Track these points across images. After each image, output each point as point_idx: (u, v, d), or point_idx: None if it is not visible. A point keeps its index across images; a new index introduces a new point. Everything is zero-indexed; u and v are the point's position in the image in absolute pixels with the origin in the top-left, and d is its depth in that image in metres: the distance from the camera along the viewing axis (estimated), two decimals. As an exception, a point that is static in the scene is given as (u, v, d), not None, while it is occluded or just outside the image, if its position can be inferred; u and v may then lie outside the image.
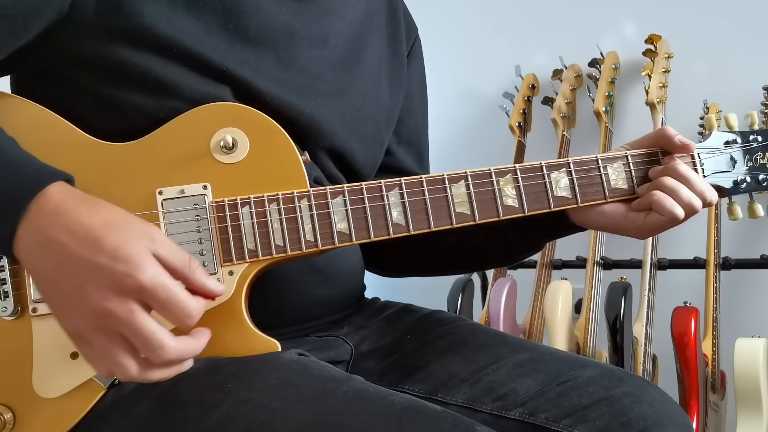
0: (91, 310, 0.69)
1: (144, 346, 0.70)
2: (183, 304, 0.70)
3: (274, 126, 0.87)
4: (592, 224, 0.97)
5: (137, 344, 0.70)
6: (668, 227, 0.91)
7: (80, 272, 0.69)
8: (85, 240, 0.70)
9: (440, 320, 1.06)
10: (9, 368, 0.82)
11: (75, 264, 0.69)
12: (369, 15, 1.06)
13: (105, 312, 0.69)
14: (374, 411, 0.74)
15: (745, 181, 0.96)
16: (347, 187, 0.86)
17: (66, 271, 0.70)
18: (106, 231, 0.70)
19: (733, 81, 2.01)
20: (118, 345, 0.70)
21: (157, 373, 0.72)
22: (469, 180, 0.90)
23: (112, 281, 0.69)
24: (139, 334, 0.69)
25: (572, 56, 2.16)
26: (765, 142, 0.97)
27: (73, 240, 0.70)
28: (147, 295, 0.69)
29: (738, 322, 1.87)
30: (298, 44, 0.95)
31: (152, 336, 0.69)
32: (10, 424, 0.81)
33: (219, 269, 0.83)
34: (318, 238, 0.85)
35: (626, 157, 0.94)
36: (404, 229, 0.87)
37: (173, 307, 0.70)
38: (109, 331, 0.70)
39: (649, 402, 0.89)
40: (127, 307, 0.69)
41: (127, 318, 0.69)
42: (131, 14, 0.84)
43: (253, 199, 0.84)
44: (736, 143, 0.98)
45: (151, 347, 0.69)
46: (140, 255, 0.69)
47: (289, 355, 0.84)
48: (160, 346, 0.69)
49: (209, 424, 0.75)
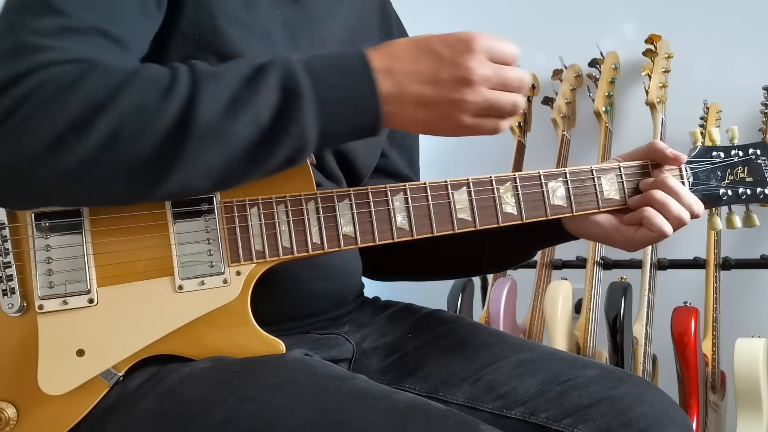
0: (476, 82, 0.78)
1: (514, 67, 0.81)
2: (514, 50, 0.81)
3: None
4: (586, 233, 1.00)
5: (512, 62, 0.81)
6: (656, 242, 0.96)
7: (447, 68, 0.78)
8: (423, 55, 0.79)
9: (441, 319, 1.06)
10: (14, 365, 0.82)
11: (436, 71, 0.78)
12: (362, 20, 1.08)
13: (486, 75, 0.78)
14: (378, 409, 0.75)
15: (726, 195, 1.01)
16: (353, 191, 0.87)
17: (437, 79, 0.78)
18: (427, 41, 0.80)
19: (733, 81, 2.01)
20: (504, 92, 0.80)
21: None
22: (471, 187, 0.91)
23: (470, 54, 0.78)
24: (507, 81, 0.80)
25: (572, 56, 2.16)
26: (745, 156, 1.02)
27: (419, 61, 0.79)
28: (495, 50, 0.79)
29: (738, 322, 1.87)
30: (298, 44, 0.96)
31: (514, 74, 0.80)
32: (14, 421, 0.81)
33: (227, 269, 0.84)
34: (324, 240, 0.86)
35: (619, 169, 0.98)
36: (408, 234, 0.89)
37: (512, 54, 0.80)
38: (495, 87, 0.80)
39: (649, 402, 0.89)
40: (488, 92, 0.79)
41: (495, 96, 0.80)
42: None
43: (261, 200, 0.85)
44: (720, 158, 1.02)
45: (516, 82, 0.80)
46: (461, 32, 0.80)
47: (294, 354, 0.84)
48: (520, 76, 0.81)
49: (213, 420, 0.76)
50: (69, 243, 0.82)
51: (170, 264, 0.83)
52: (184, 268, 0.83)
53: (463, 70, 0.77)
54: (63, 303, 0.81)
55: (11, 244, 0.82)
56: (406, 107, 0.79)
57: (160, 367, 0.82)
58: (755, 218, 1.05)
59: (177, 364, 0.82)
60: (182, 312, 0.83)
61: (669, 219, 0.93)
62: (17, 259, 0.82)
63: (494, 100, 0.79)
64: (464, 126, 0.81)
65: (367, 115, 0.78)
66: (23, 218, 0.82)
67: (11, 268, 0.82)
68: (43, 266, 0.81)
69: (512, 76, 0.80)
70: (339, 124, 0.78)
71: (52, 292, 0.81)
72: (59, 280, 0.82)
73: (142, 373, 0.83)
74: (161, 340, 0.83)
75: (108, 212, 0.83)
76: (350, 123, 0.79)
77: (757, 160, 1.02)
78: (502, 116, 0.82)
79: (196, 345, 0.84)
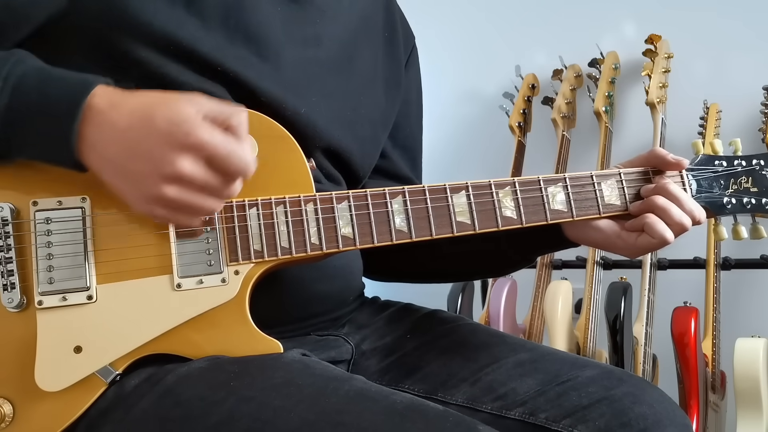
0: (169, 177, 0.75)
1: (236, 169, 0.77)
2: (242, 153, 0.77)
3: (283, 131, 0.88)
4: (587, 240, 0.99)
5: (231, 169, 0.76)
6: (658, 248, 0.95)
7: (148, 147, 0.75)
8: (141, 118, 0.76)
9: (441, 320, 1.06)
10: (11, 360, 0.82)
11: (141, 142, 0.75)
12: (364, 19, 1.07)
13: (182, 174, 0.75)
14: (376, 410, 0.75)
15: (730, 203, 1.00)
16: (352, 193, 0.88)
17: (135, 152, 0.76)
18: (156, 107, 0.76)
19: (733, 81, 2.01)
20: (203, 194, 0.77)
21: (234, 188, 0.79)
22: (470, 191, 0.91)
23: (177, 144, 0.74)
24: (222, 154, 0.75)
25: (572, 56, 2.16)
26: (749, 166, 1.02)
27: (132, 122, 0.76)
28: (209, 150, 0.75)
29: (738, 322, 1.87)
30: (293, 44, 0.96)
31: (242, 154, 0.77)
32: (9, 417, 0.81)
33: (225, 268, 0.84)
34: (323, 241, 0.86)
35: (619, 175, 0.97)
36: (407, 236, 0.89)
37: (234, 157, 0.76)
38: (192, 188, 0.76)
39: (649, 402, 0.89)
40: (195, 165, 0.75)
41: (201, 175, 0.76)
42: (129, 10, 0.85)
43: (260, 201, 0.85)
44: (722, 167, 1.01)
45: (242, 165, 0.77)
46: (191, 116, 0.75)
47: (292, 355, 0.84)
48: (247, 160, 0.77)
49: (211, 422, 0.76)
50: (70, 240, 0.82)
51: (169, 262, 0.84)
52: (182, 267, 0.84)
53: (166, 167, 0.75)
54: (62, 299, 0.81)
55: (13, 239, 0.82)
56: (102, 174, 0.79)
57: (157, 368, 0.82)
58: (762, 230, 1.04)
59: (174, 364, 0.82)
60: (180, 310, 0.83)
61: (670, 225, 0.93)
62: (19, 254, 0.83)
63: (188, 203, 0.77)
64: (153, 212, 0.79)
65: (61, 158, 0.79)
66: (26, 214, 0.83)
67: (12, 264, 0.82)
68: (44, 262, 0.82)
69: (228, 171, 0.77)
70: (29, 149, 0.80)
71: (52, 288, 0.81)
72: (59, 276, 0.82)
73: (140, 373, 0.82)
74: (159, 339, 0.83)
75: (110, 210, 0.83)
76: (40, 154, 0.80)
77: (762, 171, 1.01)
78: (199, 214, 0.80)
79: (194, 344, 0.84)
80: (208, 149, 0.75)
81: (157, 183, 0.75)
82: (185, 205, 0.77)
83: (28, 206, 0.83)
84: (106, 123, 0.77)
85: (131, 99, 0.78)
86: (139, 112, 0.76)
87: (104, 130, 0.77)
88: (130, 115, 0.76)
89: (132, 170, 0.76)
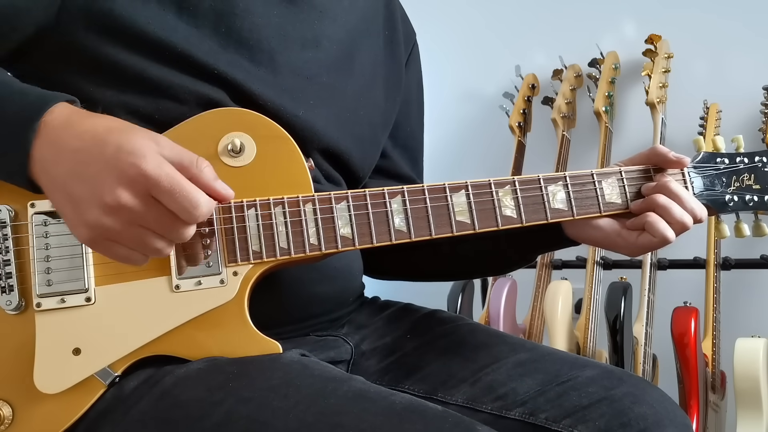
0: (108, 206, 0.72)
1: (180, 208, 0.72)
2: (190, 194, 0.72)
3: (281, 132, 0.88)
4: (587, 238, 0.99)
5: (175, 209, 0.72)
6: (659, 247, 0.95)
7: (92, 172, 0.72)
8: (92, 143, 0.73)
9: (440, 320, 1.06)
10: (10, 363, 0.82)
11: (86, 165, 0.73)
12: (364, 18, 1.07)
13: (121, 205, 0.71)
14: (375, 411, 0.74)
15: (732, 201, 1.00)
16: (351, 193, 0.88)
17: (79, 175, 0.73)
18: (110, 133, 0.73)
19: (733, 81, 2.01)
20: (145, 230, 0.74)
21: (183, 231, 0.75)
22: (470, 190, 0.91)
23: (121, 173, 0.71)
24: (165, 190, 0.71)
25: (572, 56, 2.16)
26: (751, 163, 1.01)
27: (82, 144, 0.73)
28: (152, 183, 0.71)
29: (738, 322, 1.87)
30: (290, 47, 0.95)
31: (190, 195, 0.72)
32: (9, 419, 0.81)
33: (224, 269, 0.84)
34: (322, 241, 0.86)
35: (620, 173, 0.97)
36: (406, 236, 0.88)
37: (179, 196, 0.72)
38: (131, 222, 0.73)
39: (649, 402, 0.89)
40: (139, 199, 0.72)
41: (142, 208, 0.72)
42: (121, 17, 0.86)
43: (258, 201, 0.85)
44: (724, 164, 1.01)
45: (188, 206, 0.72)
46: (144, 147, 0.72)
47: (290, 356, 0.84)
48: (197, 203, 0.72)
49: (210, 423, 0.76)
50: (68, 242, 0.82)
51: (167, 263, 0.83)
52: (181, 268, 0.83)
53: (105, 195, 0.72)
54: (60, 301, 0.82)
55: (12, 242, 0.83)
56: (49, 194, 0.77)
57: (155, 369, 0.82)
58: (765, 227, 1.03)
59: (173, 365, 0.82)
60: (179, 312, 0.83)
61: (671, 224, 0.92)
62: (17, 257, 0.83)
63: (126, 237, 0.74)
64: (91, 241, 0.75)
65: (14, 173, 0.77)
66: (24, 216, 0.83)
67: (11, 266, 0.82)
68: (42, 264, 0.82)
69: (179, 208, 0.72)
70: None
71: (50, 290, 0.81)
72: (57, 278, 0.82)
73: (138, 375, 0.82)
74: (158, 340, 0.83)
75: None
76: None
77: (764, 168, 1.00)
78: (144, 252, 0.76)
79: (193, 345, 0.84)
80: (150, 183, 0.71)
81: (96, 210, 0.72)
82: (124, 239, 0.74)
83: (25, 208, 0.83)
84: (57, 141, 0.74)
85: (89, 120, 0.75)
86: (92, 135, 0.73)
87: (54, 149, 0.74)
88: (83, 136, 0.74)
89: (74, 193, 0.73)
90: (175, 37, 0.87)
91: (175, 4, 0.89)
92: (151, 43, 0.86)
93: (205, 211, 0.74)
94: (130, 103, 0.87)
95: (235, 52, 0.91)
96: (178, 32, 0.88)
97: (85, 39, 0.86)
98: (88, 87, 0.87)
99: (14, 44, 0.86)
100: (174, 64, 0.87)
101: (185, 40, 0.88)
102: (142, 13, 0.86)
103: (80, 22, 0.86)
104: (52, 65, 0.88)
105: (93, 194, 0.72)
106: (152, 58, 0.87)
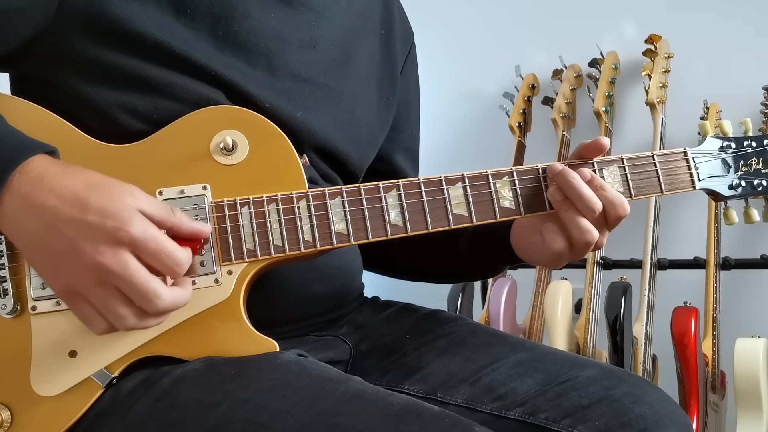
0: (86, 265, 0.72)
1: (140, 296, 0.73)
2: (173, 254, 0.74)
3: (274, 129, 0.88)
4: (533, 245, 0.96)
5: (133, 295, 0.73)
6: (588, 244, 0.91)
7: (72, 231, 0.72)
8: (72, 201, 0.73)
9: (440, 320, 1.06)
10: (7, 366, 0.82)
11: (66, 224, 0.72)
12: (362, 18, 1.07)
13: (100, 266, 0.72)
14: (372, 412, 0.74)
15: (740, 185, 0.97)
16: (345, 189, 0.87)
17: (57, 231, 0.72)
18: (90, 192, 0.73)
19: (733, 81, 2.01)
20: (115, 297, 0.73)
21: (152, 321, 0.76)
22: (467, 182, 0.90)
23: (105, 236, 0.72)
24: (135, 284, 0.72)
25: (572, 56, 2.16)
26: (759, 147, 0.97)
27: (61, 202, 0.73)
28: (138, 246, 0.72)
29: (738, 322, 1.87)
30: (287, 49, 0.95)
31: (147, 285, 0.73)
32: (8, 423, 0.81)
33: (218, 269, 0.84)
34: (316, 238, 0.85)
35: (621, 161, 0.93)
36: (402, 230, 0.88)
37: (163, 256, 0.74)
38: (106, 284, 0.73)
39: (649, 402, 0.88)
40: (120, 259, 0.72)
41: (122, 270, 0.72)
42: (119, 19, 0.86)
43: (252, 199, 0.85)
44: (731, 148, 0.98)
45: (147, 296, 0.73)
46: (127, 210, 0.73)
47: (288, 356, 0.84)
48: (156, 295, 0.73)
49: (208, 424, 0.75)
50: None
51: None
52: None
53: (90, 257, 0.71)
54: (56, 304, 0.81)
55: (5, 245, 0.82)
56: (23, 247, 0.76)
57: (153, 370, 0.82)
58: None
59: (170, 366, 0.82)
60: (174, 312, 0.82)
61: (582, 211, 0.88)
62: (11, 260, 0.82)
63: (105, 308, 0.74)
64: (71, 301, 0.75)
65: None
66: None
67: (5, 270, 0.82)
68: None
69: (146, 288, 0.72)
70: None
71: (45, 293, 0.81)
72: None
73: (136, 376, 0.82)
74: (154, 341, 0.82)
75: None
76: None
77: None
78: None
79: (189, 345, 0.83)
80: (137, 246, 0.72)
81: (74, 265, 0.72)
82: (93, 297, 0.73)
83: None
84: (30, 195, 0.73)
85: (66, 178, 0.74)
86: (71, 193, 0.73)
87: (26, 202, 0.73)
88: (61, 192, 0.73)
89: (53, 247, 0.73)
90: (172, 39, 0.87)
91: (173, 7, 0.89)
92: (149, 45, 0.86)
93: (185, 268, 0.76)
94: (129, 103, 0.87)
95: (233, 55, 0.91)
96: (176, 35, 0.88)
97: (83, 41, 0.86)
98: (87, 87, 0.87)
99: (13, 46, 0.86)
100: (172, 65, 0.88)
101: (183, 43, 0.88)
102: (139, 15, 0.86)
103: (78, 24, 0.86)
104: (51, 67, 0.88)
105: (74, 254, 0.72)
106: (150, 60, 0.87)
